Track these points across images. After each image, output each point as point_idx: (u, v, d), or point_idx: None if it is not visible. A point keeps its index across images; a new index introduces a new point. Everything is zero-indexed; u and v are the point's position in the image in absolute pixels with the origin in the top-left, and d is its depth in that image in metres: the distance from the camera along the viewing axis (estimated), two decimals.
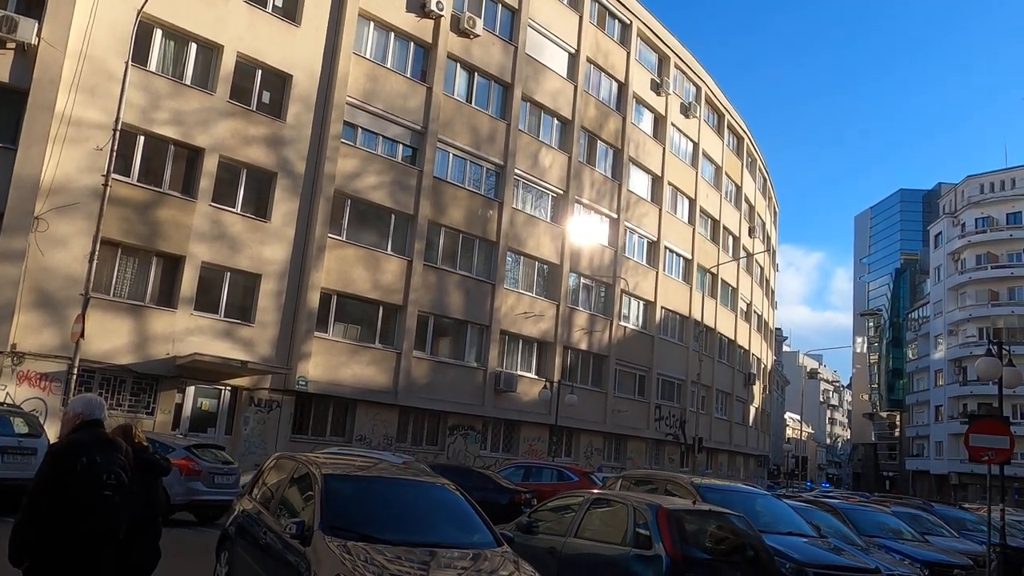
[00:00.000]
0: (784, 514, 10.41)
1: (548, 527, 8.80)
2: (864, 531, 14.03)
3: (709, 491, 10.16)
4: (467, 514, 6.80)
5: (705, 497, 9.88)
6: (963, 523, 19.33)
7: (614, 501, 8.29)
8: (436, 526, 6.52)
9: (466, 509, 6.84)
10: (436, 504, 6.84)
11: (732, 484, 11.16)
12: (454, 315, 26.88)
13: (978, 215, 71.73)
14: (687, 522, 7.79)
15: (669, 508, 7.68)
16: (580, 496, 8.79)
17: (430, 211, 26.15)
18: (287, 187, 22.83)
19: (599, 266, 33.11)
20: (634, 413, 34.65)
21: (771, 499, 10.75)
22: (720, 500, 10.04)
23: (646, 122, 37.31)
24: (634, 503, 7.94)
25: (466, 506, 6.87)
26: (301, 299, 22.73)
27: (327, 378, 23.15)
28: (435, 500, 6.90)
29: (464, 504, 6.89)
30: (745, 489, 10.82)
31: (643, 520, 7.66)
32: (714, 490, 10.33)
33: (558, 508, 8.96)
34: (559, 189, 31.34)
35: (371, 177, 24.69)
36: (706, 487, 10.23)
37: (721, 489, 10.50)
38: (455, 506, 6.89)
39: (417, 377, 25.46)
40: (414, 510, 6.64)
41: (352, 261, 24.07)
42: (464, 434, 26.99)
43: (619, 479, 11.69)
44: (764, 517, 10.22)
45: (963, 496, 59.36)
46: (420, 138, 26.20)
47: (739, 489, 10.79)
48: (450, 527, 6.64)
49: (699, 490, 10.04)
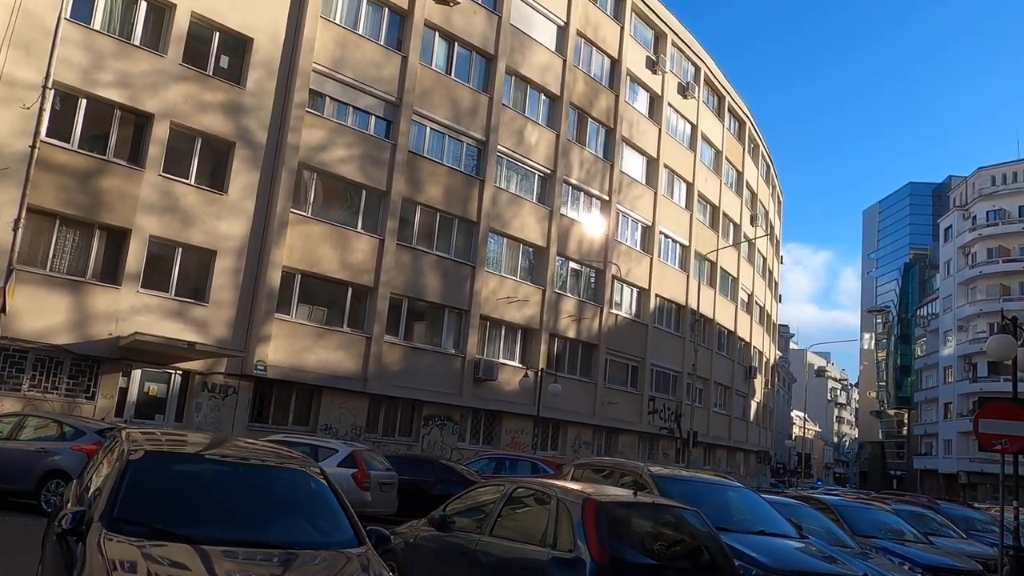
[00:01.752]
0: (760, 511, 8.82)
1: (464, 523, 7.24)
2: (860, 531, 12.45)
3: (668, 482, 8.59)
4: (324, 507, 5.27)
5: (663, 489, 8.31)
6: (972, 523, 17.69)
7: (537, 492, 6.71)
8: (275, 520, 4.98)
9: (325, 501, 5.31)
10: (283, 494, 5.29)
11: (699, 475, 9.57)
12: (430, 298, 25.32)
13: (989, 208, 69.94)
14: (623, 518, 6.23)
15: (599, 501, 6.11)
16: (501, 485, 7.21)
17: (405, 187, 24.59)
18: (247, 158, 21.31)
19: (589, 250, 31.49)
20: (626, 405, 33.03)
21: (746, 493, 9.16)
22: (682, 492, 8.48)
23: (641, 101, 35.63)
24: (559, 494, 6.38)
25: (327, 497, 5.33)
26: (261, 278, 21.21)
27: (289, 363, 21.63)
28: (283, 489, 5.34)
29: (325, 495, 5.35)
30: (714, 481, 9.23)
31: (566, 515, 6.09)
32: (675, 481, 8.76)
33: (478, 500, 7.39)
34: (546, 168, 29.72)
35: (340, 150, 23.14)
36: (665, 477, 8.64)
37: (684, 480, 8.92)
38: (310, 497, 5.36)
39: (389, 363, 23.91)
40: (248, 501, 5.09)
41: (318, 239, 22.54)
42: (440, 425, 25.44)
43: (571, 467, 10.11)
44: (736, 514, 8.65)
45: (972, 496, 57.61)
46: (395, 110, 24.63)
47: (707, 481, 9.20)
48: (297, 522, 5.11)
49: (656, 480, 8.46)
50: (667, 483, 8.51)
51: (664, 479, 8.58)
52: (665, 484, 8.45)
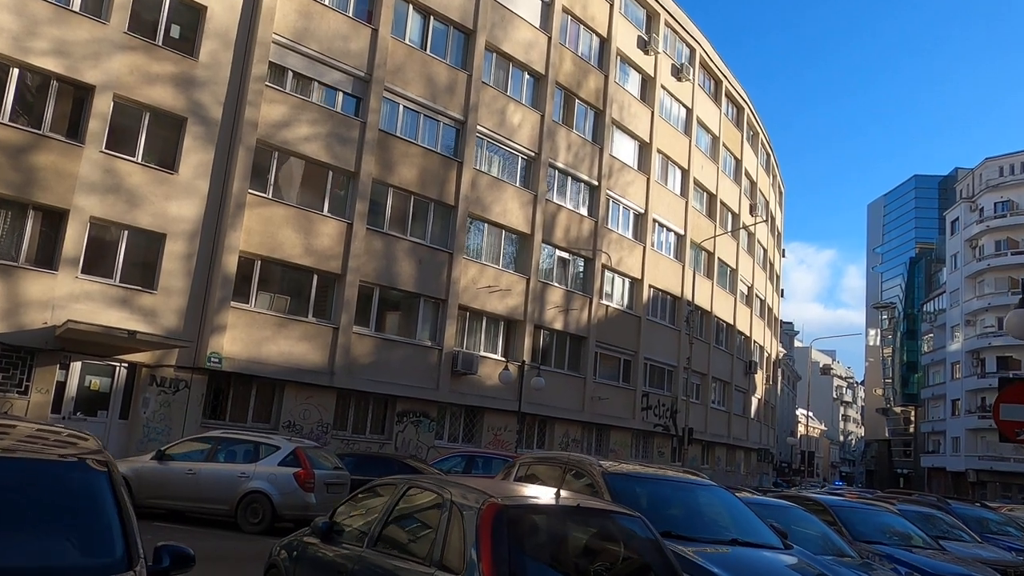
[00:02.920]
0: (737, 516, 7.26)
1: (352, 532, 5.70)
2: (861, 536, 10.89)
3: (623, 480, 7.03)
4: (94, 515, 3.71)
5: (616, 489, 6.77)
6: (986, 524, 16.05)
7: (431, 493, 5.15)
8: (10, 535, 3.43)
9: (97, 507, 3.74)
10: (37, 497, 3.72)
11: (666, 472, 7.99)
12: (404, 287, 23.77)
13: (997, 199, 68.26)
14: (534, 528, 4.68)
15: (503, 505, 4.55)
16: (394, 484, 5.67)
17: (376, 169, 23.05)
18: (200, 135, 19.80)
19: (577, 238, 29.91)
20: (617, 401, 31.42)
21: (721, 494, 7.59)
22: (641, 494, 6.96)
23: (632, 83, 34.03)
24: (453, 496, 4.82)
25: (100, 502, 3.76)
26: (215, 264, 19.69)
27: (248, 355, 20.11)
28: (38, 490, 3.77)
29: (98, 498, 3.78)
30: (682, 480, 7.65)
31: (459, 523, 4.55)
32: (632, 480, 7.20)
33: (370, 504, 5.84)
34: (530, 150, 28.15)
35: (303, 127, 21.61)
36: (619, 475, 7.08)
37: (643, 479, 7.35)
38: (77, 501, 3.79)
39: (358, 356, 22.38)
40: None
41: (280, 222, 21.01)
42: (415, 421, 23.88)
43: (517, 463, 8.55)
44: (706, 520, 7.10)
45: (982, 494, 55.93)
46: (364, 86, 23.10)
47: (673, 480, 7.61)
48: (44, 537, 3.54)
49: (607, 479, 6.90)
50: (621, 482, 6.95)
51: (618, 477, 7.02)
52: (619, 483, 6.89)
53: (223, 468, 13.63)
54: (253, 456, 13.77)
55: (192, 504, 13.66)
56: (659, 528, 6.24)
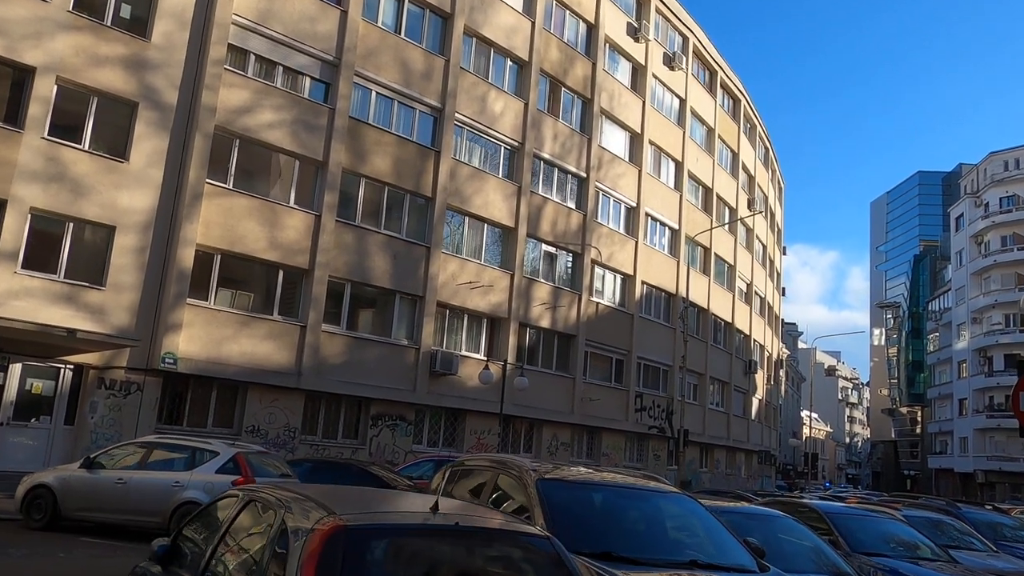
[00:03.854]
0: (703, 530, 5.95)
1: (190, 558, 4.41)
2: (861, 547, 9.59)
3: (560, 489, 5.73)
4: None
5: (552, 500, 5.46)
6: (999, 530, 14.69)
7: (268, 509, 3.85)
8: None
9: None
10: None
11: (617, 479, 6.65)
12: (378, 283, 22.49)
13: (1002, 194, 66.90)
14: (387, 556, 3.39)
15: (343, 527, 3.25)
16: (235, 497, 4.38)
17: (346, 158, 21.80)
18: (153, 121, 18.55)
19: (564, 232, 28.60)
20: (609, 402, 30.07)
21: (687, 503, 6.25)
22: (581, 504, 5.66)
23: (622, 71, 32.75)
24: (289, 514, 3.53)
25: None
26: (170, 258, 18.45)
27: (207, 355, 18.84)
28: None
29: None
30: (635, 487, 6.29)
31: (286, 551, 3.25)
32: (572, 488, 5.90)
33: (212, 520, 4.54)
34: (514, 140, 26.87)
35: (266, 113, 20.37)
36: (556, 483, 5.77)
37: (587, 485, 6.04)
38: None
39: (328, 356, 21.10)
40: None
41: (241, 213, 19.76)
42: (391, 425, 22.58)
43: (445, 470, 7.24)
44: (662, 536, 5.79)
45: (991, 496, 54.40)
46: (333, 71, 21.87)
47: (623, 487, 6.26)
48: None
49: (541, 488, 5.59)
50: (558, 491, 5.65)
51: (554, 485, 5.71)
52: (555, 492, 5.59)
53: (156, 476, 12.33)
54: (189, 463, 12.47)
55: (122, 516, 12.36)
56: (598, 548, 4.95)
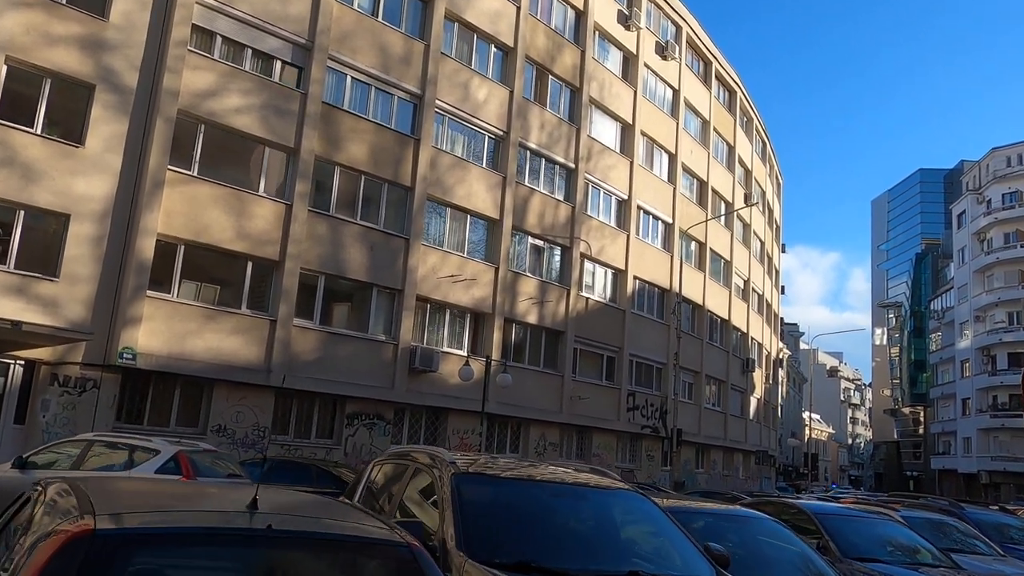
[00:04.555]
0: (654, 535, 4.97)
1: None
2: (853, 552, 8.65)
3: (481, 484, 4.77)
4: None
5: (465, 496, 4.50)
6: (1006, 532, 13.71)
7: (33, 504, 2.90)
8: None
9: None
10: None
11: (547, 473, 5.64)
12: (353, 275, 21.53)
13: (1005, 190, 65.89)
14: (156, 568, 2.41)
15: (90, 531, 2.29)
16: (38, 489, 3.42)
17: (319, 145, 20.86)
18: (111, 104, 17.63)
19: (552, 224, 27.64)
20: (600, 401, 29.07)
21: (635, 502, 5.25)
22: (502, 503, 4.69)
23: (613, 60, 31.79)
24: (43, 510, 2.57)
25: None
26: (129, 248, 17.50)
27: (169, 350, 17.88)
28: None
29: None
30: (569, 483, 5.29)
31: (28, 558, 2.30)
32: (496, 483, 4.93)
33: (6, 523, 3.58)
34: (498, 129, 25.91)
35: (234, 98, 19.43)
36: (476, 478, 4.81)
37: (510, 482, 5.05)
38: None
39: (301, 352, 20.14)
40: None
41: (206, 202, 18.81)
42: (369, 424, 21.61)
43: (369, 466, 6.28)
44: (598, 542, 4.81)
45: (995, 496, 53.32)
46: (305, 55, 20.93)
47: (555, 483, 5.24)
48: None
49: (458, 483, 4.62)
50: (476, 487, 4.69)
51: (472, 480, 4.74)
52: (472, 489, 4.63)
53: (91, 477, 11.37)
54: (128, 463, 11.52)
55: None
56: (515, 558, 3.98)
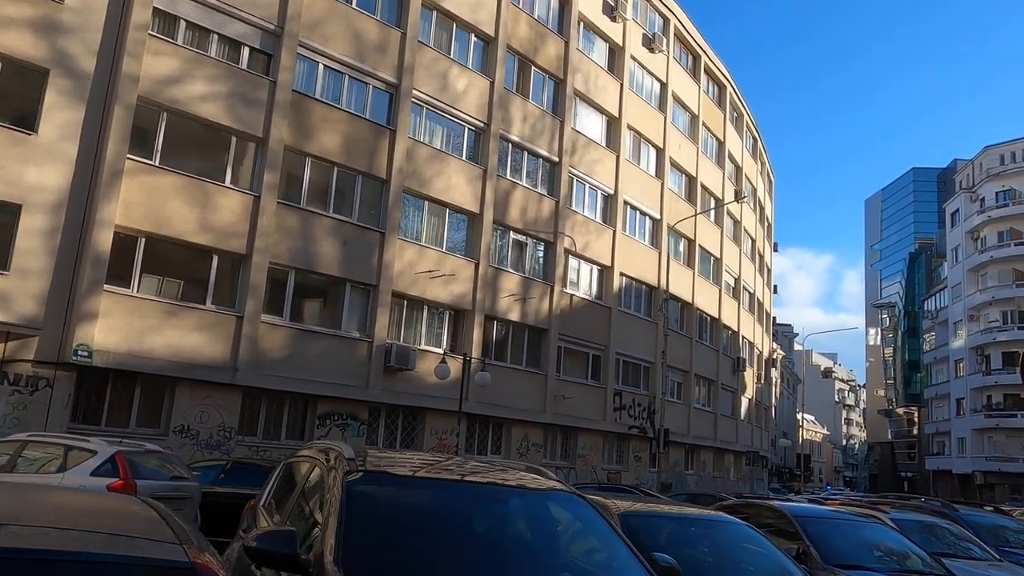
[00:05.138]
0: (583, 543, 4.23)
1: None
2: (837, 559, 7.90)
3: (380, 486, 4.02)
4: None
5: (355, 502, 3.75)
6: (1001, 534, 12.97)
7: None
8: None
9: None
10: None
11: (477, 473, 4.84)
12: (325, 270, 20.76)
13: (998, 188, 65.38)
14: None
15: None
16: None
17: (289, 135, 20.10)
18: (66, 90, 16.83)
19: (535, 219, 26.90)
20: (585, 400, 28.32)
21: (569, 505, 4.44)
22: (403, 510, 3.96)
23: (598, 52, 31.09)
24: None
25: None
26: (85, 240, 16.72)
27: (128, 347, 17.08)
28: None
29: None
30: (485, 485, 4.47)
31: None
32: (398, 484, 4.18)
33: None
34: (478, 120, 25.17)
35: (199, 85, 18.66)
36: (377, 477, 4.05)
37: (421, 483, 4.28)
38: None
39: (269, 349, 19.36)
40: None
41: (168, 193, 18.02)
42: (342, 424, 20.83)
43: (280, 464, 5.54)
44: (513, 556, 4.05)
45: (990, 497, 52.68)
46: (274, 41, 20.18)
47: (467, 484, 4.45)
48: None
49: (348, 488, 3.87)
50: (370, 493, 3.92)
51: (371, 483, 3.98)
52: (365, 495, 3.86)
53: (21, 481, 10.58)
54: (62, 464, 10.74)
55: None
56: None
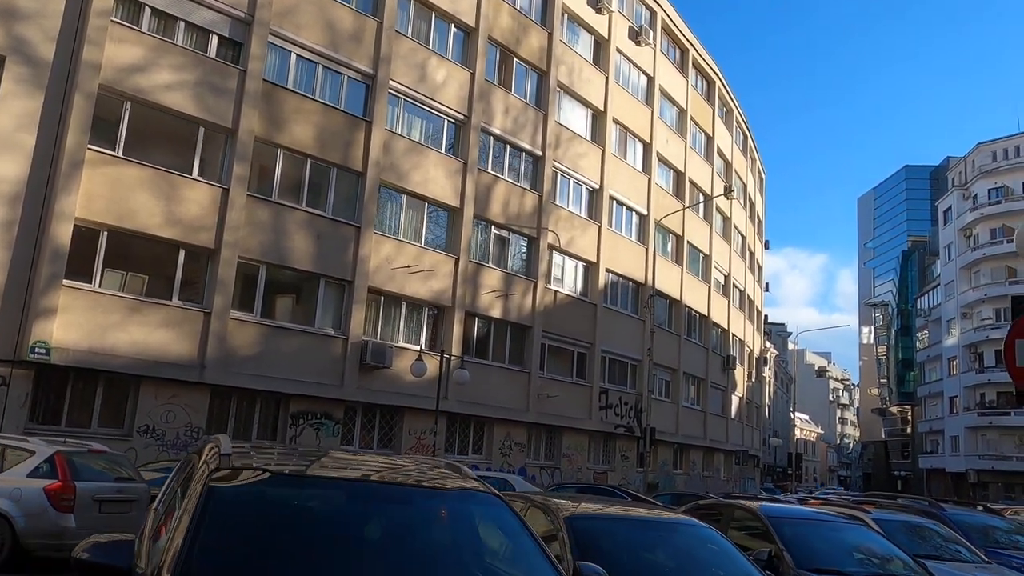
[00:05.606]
0: (490, 552, 3.67)
1: None
2: (811, 562, 7.38)
3: (258, 486, 3.47)
4: None
5: (218, 509, 3.18)
6: (990, 534, 12.41)
7: None
8: None
9: None
10: None
11: (372, 473, 4.29)
12: (298, 265, 20.18)
13: (991, 185, 65.14)
14: None
15: None
16: None
17: (260, 126, 19.52)
18: (23, 78, 16.25)
19: (518, 214, 26.36)
20: (570, 399, 27.78)
21: (484, 507, 3.91)
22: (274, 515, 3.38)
23: (583, 44, 30.56)
24: None
25: None
26: (44, 234, 16.12)
27: (89, 345, 16.48)
28: None
29: None
30: (391, 487, 3.96)
31: None
32: (287, 484, 3.62)
33: None
34: (458, 113, 24.61)
35: (164, 73, 18.07)
36: (249, 477, 3.49)
37: (310, 483, 3.72)
38: None
39: (239, 346, 18.77)
40: None
41: (132, 185, 17.42)
42: (316, 424, 20.25)
43: None
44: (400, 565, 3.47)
45: (984, 495, 52.33)
46: (244, 29, 19.60)
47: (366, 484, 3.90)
48: None
49: (213, 483, 3.32)
50: (243, 492, 3.38)
51: (240, 483, 3.43)
52: (236, 494, 3.32)
53: None
54: None
55: None
56: None
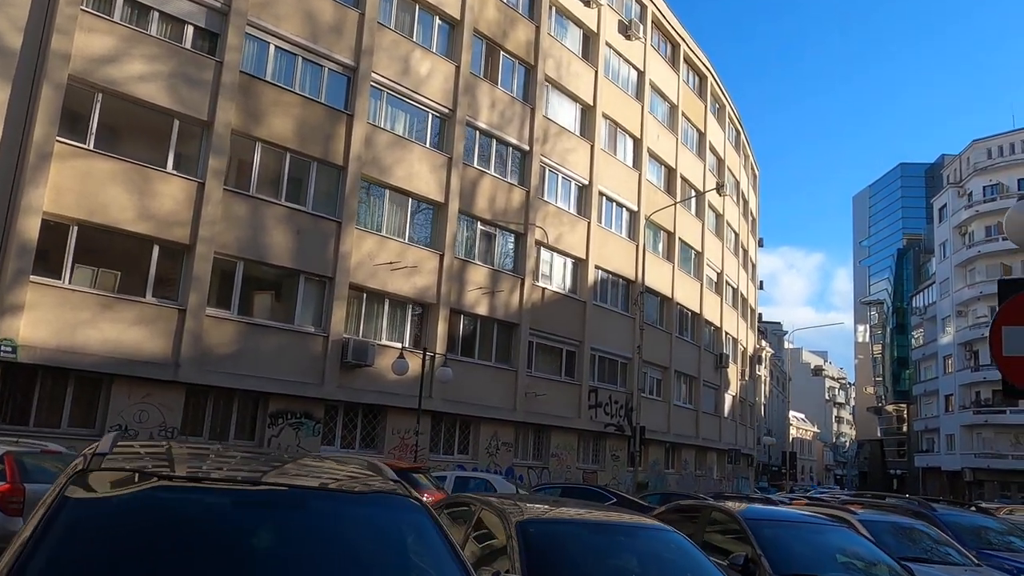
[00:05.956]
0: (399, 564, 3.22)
1: None
2: (787, 567, 7.03)
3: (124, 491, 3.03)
4: None
5: (72, 505, 2.73)
6: (983, 535, 12.00)
7: None
8: None
9: None
10: None
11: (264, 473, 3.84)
12: (277, 261, 19.73)
13: (986, 182, 64.86)
14: None
15: None
16: None
17: (237, 119, 19.06)
18: None
19: (505, 210, 25.92)
20: (559, 398, 27.36)
21: (398, 513, 3.47)
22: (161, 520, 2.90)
23: (571, 38, 30.13)
24: None
25: None
26: (10, 228, 15.65)
27: (58, 342, 16.03)
28: None
29: None
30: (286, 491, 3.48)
31: None
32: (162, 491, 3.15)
33: None
34: (443, 106, 24.18)
35: (137, 64, 17.61)
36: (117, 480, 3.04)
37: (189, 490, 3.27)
38: None
39: (215, 344, 18.32)
40: None
41: (103, 179, 16.97)
42: (295, 423, 19.80)
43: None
44: None
45: (979, 494, 52.04)
46: (221, 19, 19.14)
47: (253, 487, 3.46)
48: None
49: (72, 486, 2.90)
50: (108, 498, 2.97)
51: (105, 487, 3.00)
52: (98, 501, 2.90)
53: None
54: None
55: None
56: None
